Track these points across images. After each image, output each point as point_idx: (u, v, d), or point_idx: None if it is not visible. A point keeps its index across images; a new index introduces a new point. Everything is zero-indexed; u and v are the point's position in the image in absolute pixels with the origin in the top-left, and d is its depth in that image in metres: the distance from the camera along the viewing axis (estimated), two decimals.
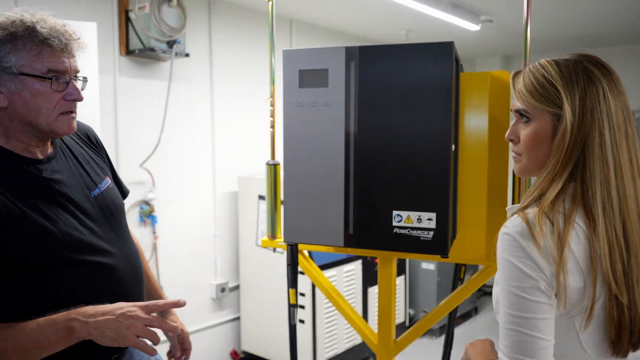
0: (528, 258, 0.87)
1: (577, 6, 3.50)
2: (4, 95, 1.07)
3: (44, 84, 1.07)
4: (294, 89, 1.46)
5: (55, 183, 1.15)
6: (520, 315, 0.87)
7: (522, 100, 0.97)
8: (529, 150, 0.98)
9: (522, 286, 0.87)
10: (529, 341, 0.86)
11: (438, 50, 1.34)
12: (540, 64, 0.97)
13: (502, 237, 0.91)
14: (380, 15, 3.72)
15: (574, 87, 0.92)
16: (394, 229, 1.39)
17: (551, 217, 0.89)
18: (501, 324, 0.90)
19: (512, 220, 0.91)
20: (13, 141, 1.11)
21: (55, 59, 1.08)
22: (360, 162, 1.41)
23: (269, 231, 1.81)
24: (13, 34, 1.05)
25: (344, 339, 3.31)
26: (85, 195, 1.20)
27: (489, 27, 3.99)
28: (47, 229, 1.08)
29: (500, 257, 0.90)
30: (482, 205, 1.55)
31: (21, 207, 1.06)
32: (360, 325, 1.76)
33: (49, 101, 1.08)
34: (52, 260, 1.08)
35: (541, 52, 4.52)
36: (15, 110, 1.08)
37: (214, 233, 3.42)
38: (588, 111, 0.91)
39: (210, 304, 3.45)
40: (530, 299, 0.87)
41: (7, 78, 1.05)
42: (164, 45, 2.86)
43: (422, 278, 4.17)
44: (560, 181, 0.92)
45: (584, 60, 0.95)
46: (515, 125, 1.01)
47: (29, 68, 1.06)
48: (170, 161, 3.14)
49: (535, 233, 0.87)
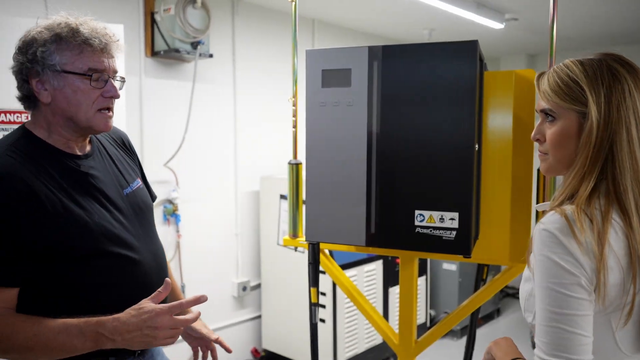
0: (568, 254, 0.87)
1: (604, 3, 3.42)
2: (48, 92, 1.14)
3: (84, 81, 1.14)
4: (316, 89, 1.46)
5: (92, 178, 1.21)
6: (562, 312, 0.86)
7: (547, 100, 0.98)
8: (555, 148, 0.98)
9: (563, 282, 0.87)
10: (570, 338, 0.86)
11: (462, 49, 1.33)
12: (564, 64, 0.98)
13: (540, 234, 0.90)
14: (403, 14, 3.71)
15: (598, 85, 0.93)
16: (416, 228, 1.38)
17: (589, 213, 0.89)
18: (539, 321, 0.89)
19: (550, 216, 0.91)
20: (54, 136, 1.18)
21: (95, 58, 1.15)
22: (383, 161, 1.41)
23: (290, 230, 1.82)
24: (58, 35, 1.13)
25: (364, 338, 3.31)
26: (118, 192, 1.26)
27: (513, 25, 3.93)
28: (83, 220, 1.13)
29: (539, 253, 0.90)
30: (505, 205, 1.53)
31: (61, 198, 1.12)
32: (381, 325, 1.76)
33: (88, 97, 1.15)
34: (84, 250, 1.13)
35: (567, 51, 4.43)
36: (58, 106, 1.15)
37: (235, 232, 3.45)
38: (614, 108, 0.91)
39: (231, 302, 3.48)
40: (571, 296, 0.86)
41: (51, 75, 1.13)
42: (188, 46, 2.90)
43: (443, 279, 4.14)
44: (592, 178, 0.92)
45: (608, 59, 0.96)
46: (540, 125, 1.02)
47: (71, 66, 1.13)
48: (194, 161, 3.19)
49: (575, 229, 0.87)
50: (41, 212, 1.08)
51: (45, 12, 2.51)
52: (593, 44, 4.77)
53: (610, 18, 3.83)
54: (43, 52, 1.12)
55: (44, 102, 1.15)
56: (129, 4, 2.86)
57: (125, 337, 1.06)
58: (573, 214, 0.88)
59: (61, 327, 1.07)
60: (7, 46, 2.08)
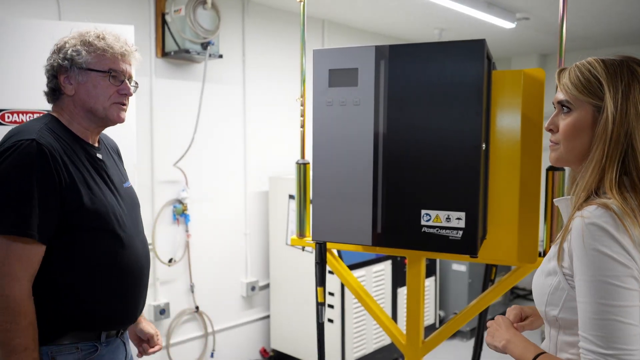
0: (621, 247, 0.88)
1: (619, 2, 3.38)
2: (73, 86, 1.35)
3: (104, 78, 1.35)
4: (324, 88, 1.47)
5: (105, 166, 1.41)
6: (617, 304, 0.87)
7: (565, 92, 1.02)
8: (567, 138, 1.01)
9: (617, 275, 0.88)
10: (626, 329, 0.87)
11: (469, 48, 1.33)
12: (587, 61, 1.02)
13: (588, 228, 0.91)
14: (414, 14, 3.70)
15: (617, 82, 0.96)
16: (422, 228, 1.38)
17: (629, 206, 0.91)
18: (589, 315, 0.89)
19: (593, 210, 0.92)
20: (75, 124, 1.37)
21: (115, 61, 1.37)
22: (389, 160, 1.41)
23: (298, 230, 1.82)
24: (86, 40, 1.36)
25: (372, 339, 3.30)
26: (121, 184, 1.46)
27: (525, 24, 3.90)
28: (100, 197, 1.32)
29: (588, 247, 0.90)
30: (514, 205, 1.53)
31: (84, 176, 1.31)
32: (388, 325, 1.76)
33: (105, 91, 1.35)
34: (97, 224, 1.30)
35: (582, 50, 4.39)
36: (79, 97, 1.35)
37: (244, 232, 3.46)
38: (632, 105, 0.95)
39: (240, 302, 3.50)
40: (625, 288, 0.88)
41: (77, 72, 1.34)
42: (199, 46, 2.92)
43: (452, 279, 4.12)
44: (614, 172, 0.94)
45: (629, 61, 1.00)
46: (555, 117, 1.05)
47: (95, 65, 1.35)
48: (203, 161, 3.21)
49: (626, 223, 0.89)
50: (71, 181, 1.26)
51: (58, 14, 2.55)
52: (608, 43, 4.72)
53: (626, 17, 3.79)
54: (73, 52, 1.33)
55: (68, 94, 1.35)
56: (139, 5, 2.89)
57: None
58: (619, 208, 0.90)
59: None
60: (19, 47, 2.13)
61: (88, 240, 1.29)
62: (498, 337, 1.10)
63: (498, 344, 1.08)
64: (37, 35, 2.15)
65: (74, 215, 1.26)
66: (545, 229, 1.58)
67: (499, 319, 1.15)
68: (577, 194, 0.99)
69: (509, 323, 1.14)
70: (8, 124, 2.11)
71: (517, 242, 1.54)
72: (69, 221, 1.26)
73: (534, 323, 1.20)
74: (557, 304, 0.99)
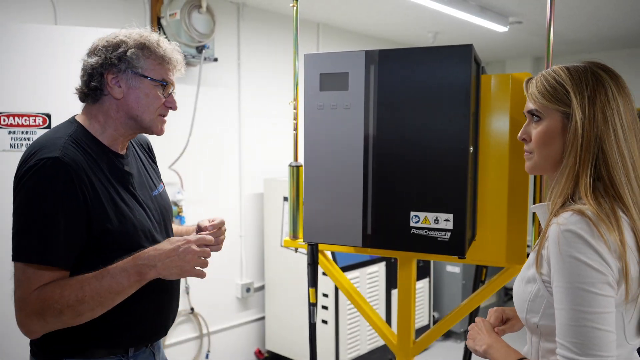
0: (596, 253, 0.89)
1: (610, 6, 3.42)
2: (122, 89, 1.25)
3: (157, 88, 1.28)
4: (315, 92, 1.49)
5: (131, 177, 1.32)
6: (593, 311, 0.88)
7: (533, 101, 1.03)
8: (539, 147, 1.03)
9: (592, 282, 0.88)
10: (602, 336, 0.87)
11: (457, 52, 1.35)
12: (552, 69, 1.04)
13: (564, 235, 0.91)
14: (408, 18, 3.73)
15: (582, 88, 0.98)
16: (411, 229, 1.40)
17: (603, 213, 0.91)
18: (565, 322, 0.90)
19: (569, 217, 0.92)
20: (109, 131, 1.28)
21: (169, 72, 1.30)
22: (379, 163, 1.44)
23: (290, 231, 1.84)
24: (145, 44, 1.27)
25: (366, 340, 3.32)
26: (149, 193, 1.37)
27: (518, 28, 3.94)
28: (127, 215, 1.24)
29: (564, 254, 0.90)
30: (502, 207, 1.55)
31: (110, 192, 1.22)
32: (379, 325, 1.78)
33: (155, 102, 1.28)
34: (126, 244, 1.22)
35: (574, 54, 4.41)
36: (127, 103, 1.26)
37: (240, 234, 3.48)
38: (599, 110, 0.96)
39: (235, 304, 3.51)
40: (601, 294, 0.88)
41: (131, 76, 1.25)
42: (194, 50, 2.95)
43: (446, 281, 4.14)
44: (588, 178, 0.95)
45: (593, 66, 1.01)
46: (527, 126, 1.07)
47: (151, 72, 1.27)
48: (199, 163, 3.23)
49: (601, 229, 0.89)
50: (97, 201, 1.18)
51: (54, 19, 2.57)
52: (597, 47, 4.76)
53: (614, 21, 3.83)
54: (133, 53, 1.24)
55: (115, 97, 1.25)
56: (135, 9, 2.91)
57: (164, 262, 1.16)
58: (594, 214, 0.90)
59: (104, 273, 1.14)
60: (15, 51, 2.15)
61: (116, 259, 1.18)
62: (479, 342, 1.11)
63: (479, 348, 1.10)
64: (33, 40, 2.18)
65: (101, 237, 1.18)
66: (534, 230, 1.61)
67: (480, 323, 1.17)
68: (553, 200, 0.99)
69: (489, 327, 1.15)
70: (4, 127, 2.13)
71: (506, 243, 1.56)
72: (97, 242, 1.18)
73: (515, 326, 1.21)
74: (537, 311, 0.99)
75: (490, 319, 1.20)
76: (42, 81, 2.18)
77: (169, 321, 1.38)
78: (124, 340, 1.26)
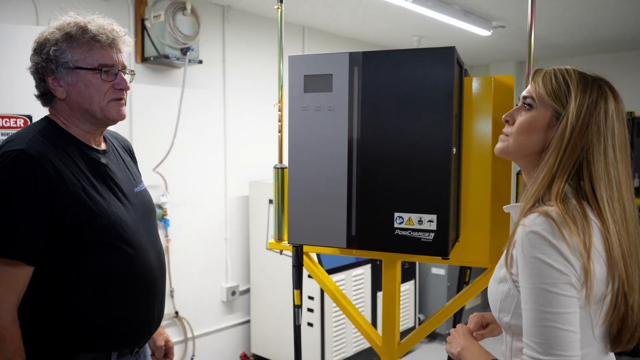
0: (559, 255, 0.89)
1: (592, 11, 3.48)
2: (63, 88, 1.22)
3: (96, 76, 1.22)
4: (299, 94, 1.49)
5: (109, 171, 1.29)
6: (555, 311, 0.89)
7: (534, 88, 1.04)
8: (519, 133, 1.04)
9: (554, 282, 0.89)
10: (563, 336, 0.88)
11: (439, 55, 1.37)
12: (565, 68, 1.04)
13: (528, 236, 0.91)
14: (393, 21, 3.75)
15: (586, 94, 0.98)
16: (395, 230, 1.41)
17: (570, 214, 0.92)
18: (530, 322, 0.91)
19: (534, 218, 0.93)
20: (73, 127, 1.25)
21: (104, 53, 1.22)
22: (363, 164, 1.44)
23: (275, 233, 1.84)
24: (68, 34, 1.20)
25: (352, 342, 3.32)
26: (131, 189, 1.34)
27: (501, 32, 3.99)
28: (102, 208, 1.20)
29: (528, 256, 0.91)
30: (485, 208, 1.57)
31: (84, 185, 1.19)
32: (364, 326, 1.78)
33: (99, 90, 1.23)
34: (99, 238, 1.19)
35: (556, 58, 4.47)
36: (73, 100, 1.22)
37: (225, 237, 3.46)
38: (594, 122, 0.97)
39: (221, 307, 3.49)
40: (563, 295, 0.89)
41: (65, 72, 1.20)
42: (178, 52, 2.93)
43: (432, 283, 4.17)
44: (563, 181, 0.96)
45: (602, 81, 1.02)
46: (515, 110, 1.07)
47: (83, 62, 1.20)
48: (183, 165, 3.20)
49: (563, 230, 0.90)
50: (65, 193, 1.14)
51: (36, 19, 2.54)
52: (579, 51, 4.84)
53: (594, 27, 3.90)
54: (55, 50, 1.19)
55: (60, 98, 1.22)
56: (119, 11, 2.89)
57: None
58: (559, 216, 0.91)
59: None
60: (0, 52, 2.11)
61: (93, 256, 1.17)
62: (454, 344, 1.13)
63: (454, 350, 1.12)
64: (14, 40, 2.14)
65: (74, 230, 1.15)
66: None
67: (459, 327, 1.18)
68: (525, 199, 1.00)
69: (467, 330, 1.17)
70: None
71: (489, 244, 1.58)
72: (69, 236, 1.15)
73: (495, 330, 1.22)
74: (508, 311, 1.00)
75: (470, 325, 1.21)
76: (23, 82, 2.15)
77: (151, 321, 1.35)
78: (107, 344, 1.23)
